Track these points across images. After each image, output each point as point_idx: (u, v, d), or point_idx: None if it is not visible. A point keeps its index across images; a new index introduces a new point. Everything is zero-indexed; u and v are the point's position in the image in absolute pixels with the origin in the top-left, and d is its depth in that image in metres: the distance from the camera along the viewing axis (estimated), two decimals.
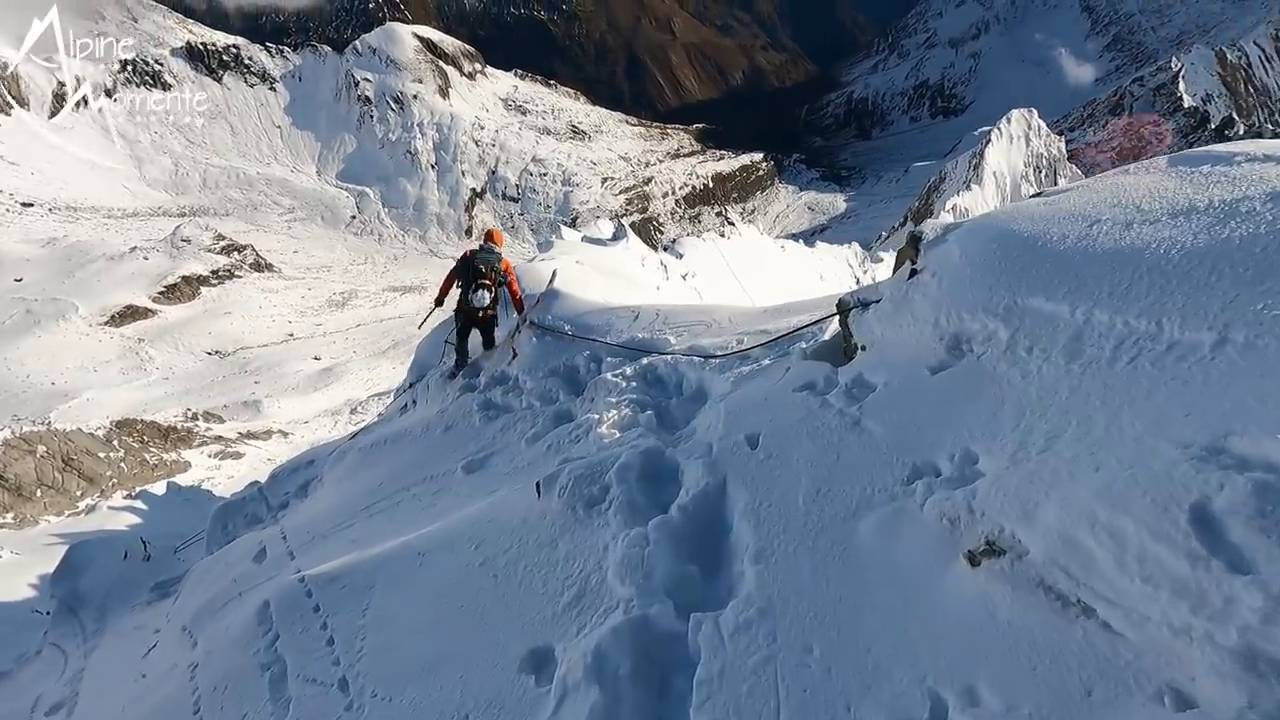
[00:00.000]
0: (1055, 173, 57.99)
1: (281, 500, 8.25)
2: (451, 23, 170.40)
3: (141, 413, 40.73)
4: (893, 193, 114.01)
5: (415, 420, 7.47)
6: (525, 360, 7.01)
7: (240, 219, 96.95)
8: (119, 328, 58.23)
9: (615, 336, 6.55)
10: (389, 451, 6.99)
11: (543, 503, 3.72)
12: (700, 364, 5.23)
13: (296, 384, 49.54)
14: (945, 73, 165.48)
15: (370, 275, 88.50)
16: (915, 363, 3.08)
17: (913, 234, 3.59)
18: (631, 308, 7.20)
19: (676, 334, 6.18)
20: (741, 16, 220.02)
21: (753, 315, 6.29)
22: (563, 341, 6.97)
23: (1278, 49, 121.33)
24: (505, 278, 7.81)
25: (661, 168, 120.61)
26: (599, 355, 6.38)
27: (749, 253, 23.34)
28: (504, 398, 6.62)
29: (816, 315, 5.15)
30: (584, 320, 7.17)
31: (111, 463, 33.90)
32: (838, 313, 4.13)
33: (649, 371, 5.56)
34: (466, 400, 6.99)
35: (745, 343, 5.25)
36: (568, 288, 8.42)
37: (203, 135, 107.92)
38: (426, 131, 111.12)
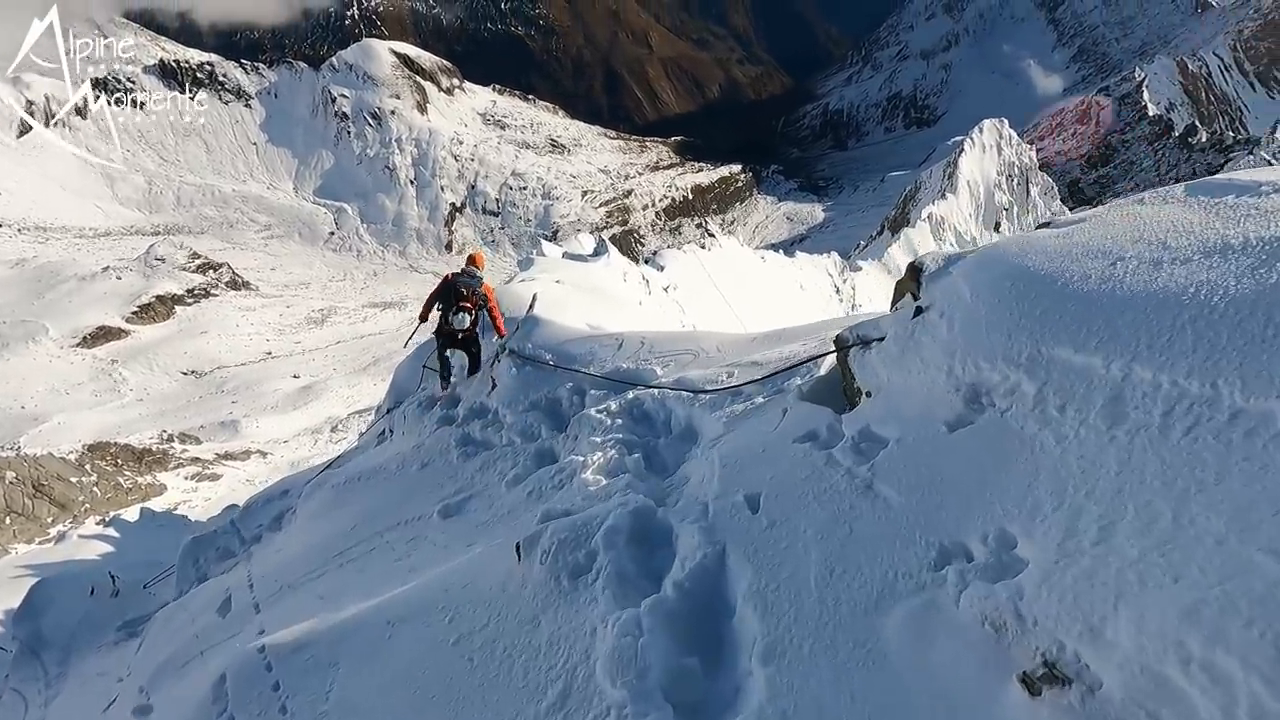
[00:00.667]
0: (1027, 181, 59.19)
1: (255, 533, 7.98)
2: (428, 38, 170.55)
3: (115, 436, 39.93)
4: (869, 202, 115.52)
5: (391, 455, 7.14)
6: (505, 392, 6.72)
7: (216, 237, 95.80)
8: (91, 349, 57.13)
9: (599, 367, 6.26)
10: (363, 489, 6.64)
11: (523, 568, 3.38)
12: (689, 399, 4.94)
13: (275, 403, 48.87)
14: (917, 84, 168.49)
15: (349, 291, 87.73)
16: (929, 416, 2.81)
17: (913, 265, 3.40)
18: (615, 335, 6.88)
19: (663, 364, 5.88)
20: (717, 30, 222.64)
21: (742, 344, 5.95)
22: (544, 371, 6.68)
23: (1235, 59, 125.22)
24: (486, 301, 7.82)
25: (641, 180, 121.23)
26: (582, 387, 6.10)
27: (730, 264, 23.51)
28: (483, 432, 6.35)
29: (810, 346, 4.88)
30: (566, 349, 6.87)
31: (84, 488, 33.13)
32: (835, 350, 3.86)
33: (635, 406, 5.29)
34: (444, 434, 6.68)
35: (736, 376, 4.95)
36: (548, 313, 8.08)
37: (176, 153, 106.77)
38: (405, 147, 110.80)
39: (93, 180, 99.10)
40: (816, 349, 4.64)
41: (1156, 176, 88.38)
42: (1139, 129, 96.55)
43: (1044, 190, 61.24)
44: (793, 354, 4.87)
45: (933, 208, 49.82)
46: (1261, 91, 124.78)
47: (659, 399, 5.21)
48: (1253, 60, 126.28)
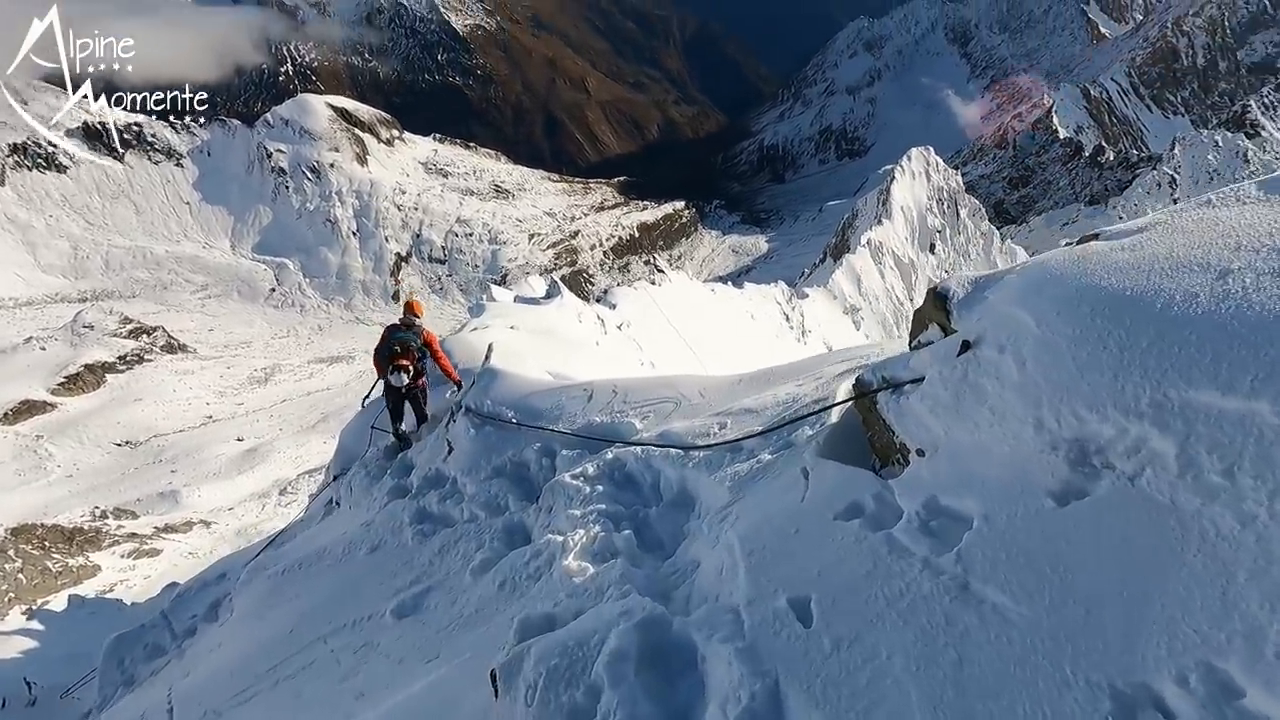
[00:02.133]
0: (956, 203, 62.04)
1: (188, 625, 7.22)
2: (366, 91, 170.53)
3: (42, 516, 37.39)
4: (810, 231, 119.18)
5: (336, 535, 6.33)
6: (464, 457, 5.93)
7: (149, 300, 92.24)
8: (14, 425, 53.75)
9: (569, 423, 5.52)
10: (304, 580, 5.78)
11: (503, 706, 2.58)
12: (679, 458, 4.24)
13: (218, 469, 46.69)
14: (846, 118, 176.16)
15: (294, 348, 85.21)
16: (1022, 484, 2.18)
17: (935, 291, 2.97)
18: (584, 385, 6.12)
19: (641, 416, 5.16)
20: (652, 74, 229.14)
21: (727, 388, 5.21)
22: (507, 431, 5.90)
23: (1132, 84, 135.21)
24: (426, 351, 7.55)
25: (587, 221, 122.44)
26: (552, 447, 5.35)
27: (681, 298, 23.78)
28: (441, 506, 5.57)
29: (807, 387, 4.29)
30: (529, 403, 6.07)
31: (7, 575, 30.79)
32: (856, 396, 3.29)
33: (615, 468, 4.56)
34: (396, 509, 5.92)
35: (729, 428, 4.29)
36: (506, 363, 7.33)
37: (104, 216, 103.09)
38: (346, 199, 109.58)
39: (12, 247, 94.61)
40: (820, 391, 4.02)
41: (1072, 194, 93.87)
42: (1052, 151, 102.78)
43: (972, 212, 64.24)
44: (790, 397, 4.27)
45: (871, 234, 51.63)
46: (1158, 113, 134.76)
47: (642, 458, 4.49)
48: (1147, 85, 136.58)
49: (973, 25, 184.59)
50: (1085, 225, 68.08)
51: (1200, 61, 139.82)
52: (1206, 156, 72.60)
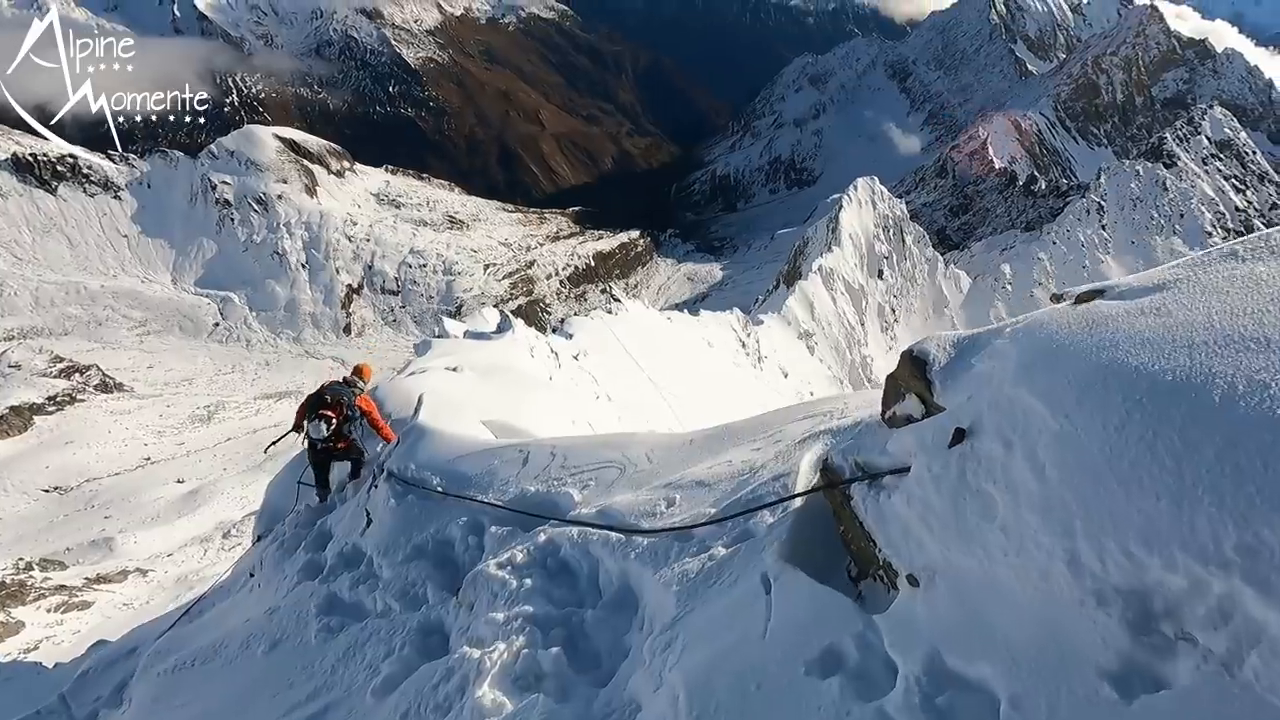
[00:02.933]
0: (901, 230, 64.36)
1: (89, 711, 6.56)
2: (316, 123, 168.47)
3: None
4: (763, 259, 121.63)
5: (238, 623, 5.66)
6: (382, 531, 5.34)
7: (82, 337, 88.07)
8: None
9: (500, 491, 4.93)
10: (196, 682, 5.15)
11: None
12: (620, 543, 3.75)
13: (157, 513, 44.40)
14: (794, 149, 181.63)
15: (240, 384, 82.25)
16: (1060, 650, 1.58)
17: (911, 355, 2.53)
18: (519, 445, 5.54)
19: (580, 484, 4.62)
20: (605, 106, 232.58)
21: (678, 450, 4.67)
22: (432, 500, 5.29)
23: (1059, 117, 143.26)
24: (356, 412, 7.16)
25: (543, 250, 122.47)
26: (480, 521, 4.79)
27: (638, 326, 23.92)
28: (353, 592, 5.01)
29: (766, 452, 3.81)
30: (458, 469, 5.43)
31: None
32: (825, 486, 2.82)
33: (549, 553, 4.03)
34: (305, 594, 5.34)
35: (678, 505, 3.82)
36: (438, 418, 6.63)
37: (34, 250, 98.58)
38: (295, 231, 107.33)
39: None
40: (780, 461, 3.49)
41: (1009, 221, 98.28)
42: (988, 180, 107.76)
43: (917, 239, 66.70)
44: (746, 467, 3.76)
45: (822, 260, 53.05)
46: (1083, 144, 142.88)
47: (579, 542, 3.96)
48: (1072, 118, 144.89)
49: (910, 62, 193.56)
50: (1023, 250, 71.28)
51: (1119, 96, 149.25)
52: (1129, 185, 77.16)
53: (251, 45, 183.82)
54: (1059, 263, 69.03)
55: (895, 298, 62.20)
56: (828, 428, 3.71)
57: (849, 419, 3.54)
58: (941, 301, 65.26)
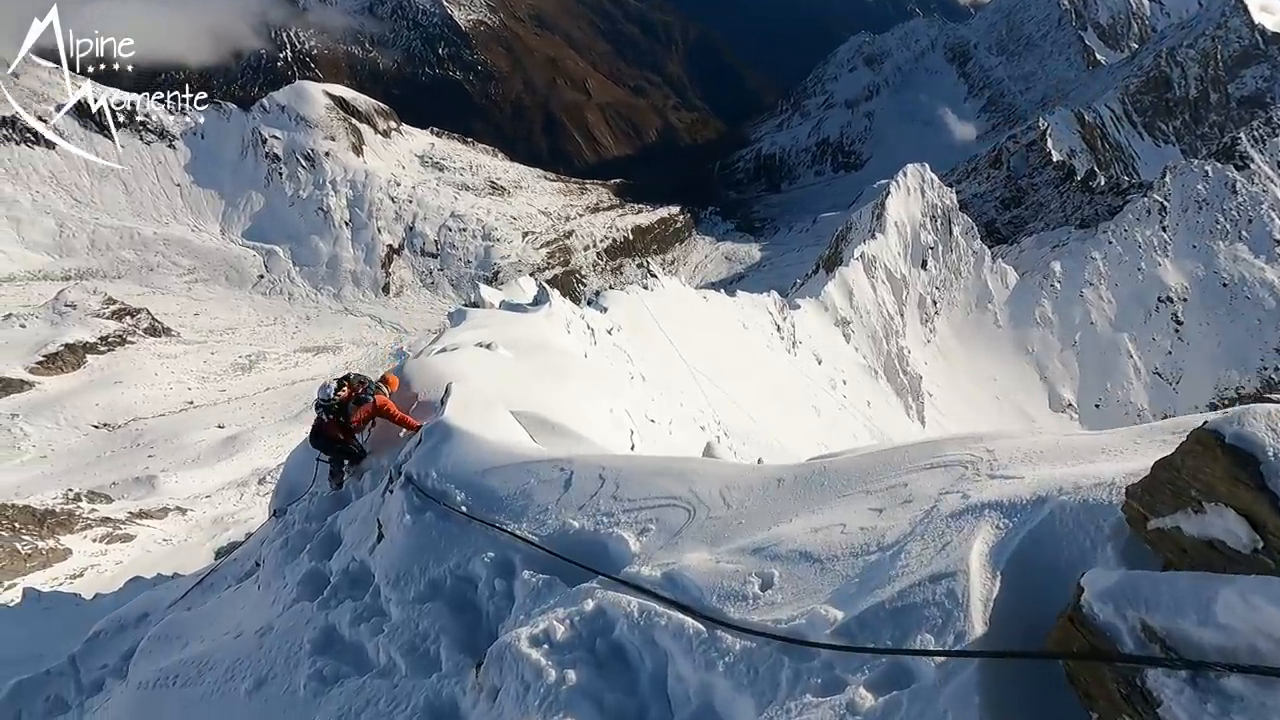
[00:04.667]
0: (949, 221, 62.55)
1: (95, 678, 6.46)
2: (365, 82, 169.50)
3: (13, 496, 36.74)
4: (803, 242, 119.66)
5: (227, 639, 5.09)
6: (395, 552, 4.57)
7: (134, 281, 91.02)
8: None
9: (535, 521, 4.06)
10: (172, 710, 4.64)
11: None
12: (699, 637, 2.65)
13: (197, 455, 46.08)
14: (843, 131, 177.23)
15: (280, 336, 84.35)
16: None
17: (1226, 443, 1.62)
18: (561, 462, 4.56)
19: (637, 527, 3.64)
20: (653, 78, 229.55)
21: (763, 494, 3.52)
22: (453, 521, 4.48)
23: (1125, 111, 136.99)
24: (369, 396, 7.07)
25: (582, 221, 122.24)
26: (510, 559, 3.93)
27: (673, 304, 23.74)
28: (354, 630, 4.27)
29: (891, 511, 2.78)
30: (487, 485, 4.57)
31: None
32: (1098, 658, 1.66)
33: (599, 630, 3.04)
34: (300, 619, 4.69)
35: (778, 585, 2.69)
36: (468, 415, 5.71)
37: (92, 194, 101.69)
38: (340, 188, 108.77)
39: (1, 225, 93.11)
40: (926, 542, 2.38)
41: (1063, 217, 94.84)
42: (1045, 174, 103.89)
43: (965, 230, 64.76)
44: (872, 536, 2.65)
45: (864, 247, 51.89)
46: (1149, 141, 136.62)
47: (640, 621, 2.93)
48: (1140, 112, 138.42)
49: (971, 46, 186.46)
50: (1076, 248, 68.78)
51: (1192, 92, 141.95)
52: (1196, 186, 73.68)
53: (306, 1, 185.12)
54: (1113, 263, 66.50)
55: (938, 290, 60.70)
56: (987, 498, 2.46)
57: (1010, 480, 2.51)
58: (985, 296, 63.50)
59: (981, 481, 2.72)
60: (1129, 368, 62.07)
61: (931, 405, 48.73)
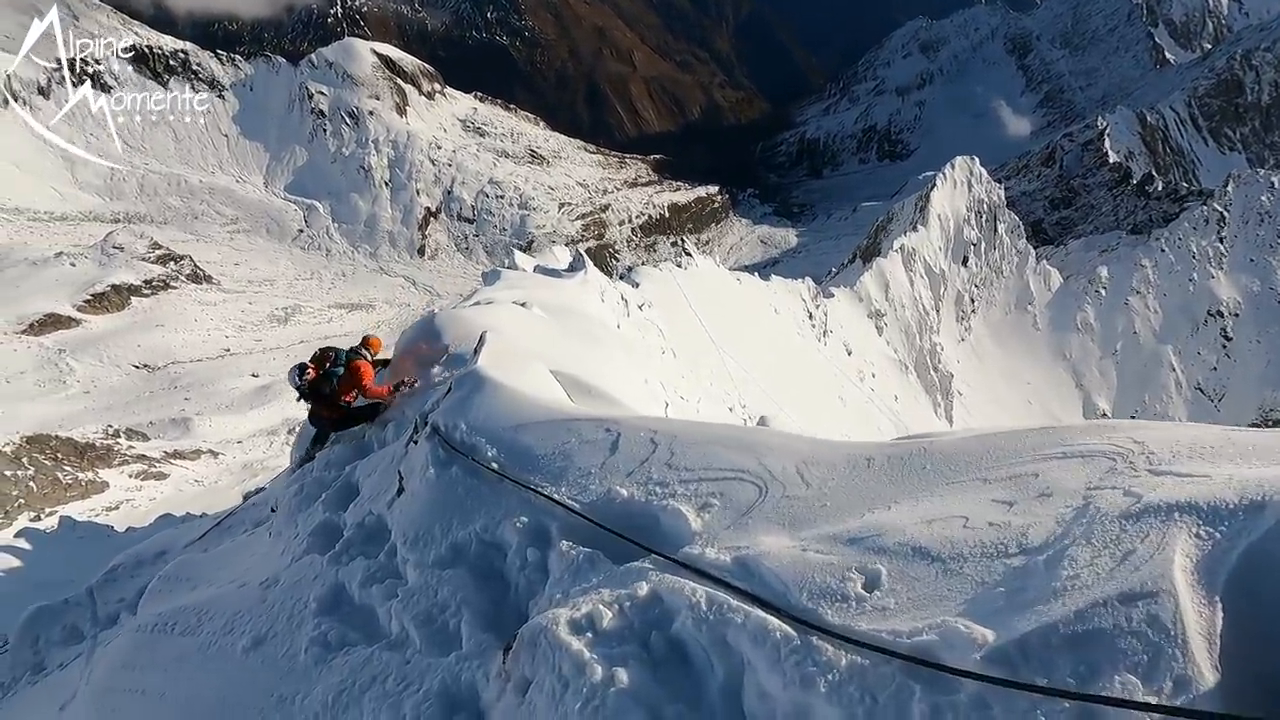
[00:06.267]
0: (995, 218, 60.89)
1: (112, 610, 6.50)
2: (412, 42, 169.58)
3: (57, 428, 38.19)
4: (842, 230, 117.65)
5: (229, 590, 4.85)
6: (415, 508, 4.14)
7: (179, 228, 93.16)
8: (38, 336, 54.73)
9: (577, 485, 3.50)
10: (165, 657, 4.37)
11: None
12: (787, 641, 2.11)
13: (231, 401, 47.33)
14: (892, 119, 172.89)
15: (316, 291, 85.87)
16: None
17: None
18: (607, 421, 3.99)
19: (698, 501, 3.03)
20: (700, 54, 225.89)
21: (851, 474, 2.94)
22: (482, 478, 3.94)
23: (1191, 115, 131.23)
24: (339, 370, 6.74)
25: (619, 195, 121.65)
26: (546, 525, 3.40)
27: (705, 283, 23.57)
28: (365, 592, 3.86)
29: (1024, 504, 2.26)
30: (522, 443, 4.01)
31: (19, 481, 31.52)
32: None
33: (654, 622, 2.48)
34: (308, 574, 4.36)
35: (886, 589, 2.13)
36: (502, 366, 5.27)
37: (142, 139, 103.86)
38: (382, 148, 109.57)
39: (51, 162, 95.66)
40: (1087, 553, 1.90)
41: (1115, 221, 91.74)
42: (1099, 175, 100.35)
43: (1010, 228, 63.04)
44: (1006, 533, 2.14)
45: (904, 239, 50.85)
46: (1214, 147, 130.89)
47: (708, 614, 2.34)
48: (1206, 117, 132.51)
49: (1034, 37, 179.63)
50: (1126, 254, 66.57)
51: (1265, 98, 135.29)
52: (1260, 197, 70.53)
53: None
54: (1164, 272, 64.23)
55: (977, 287, 59.34)
56: (1167, 497, 1.96)
57: (1191, 480, 2.04)
58: (1026, 297, 61.92)
59: (1144, 478, 2.16)
60: (1170, 381, 60.23)
61: (960, 404, 47.95)
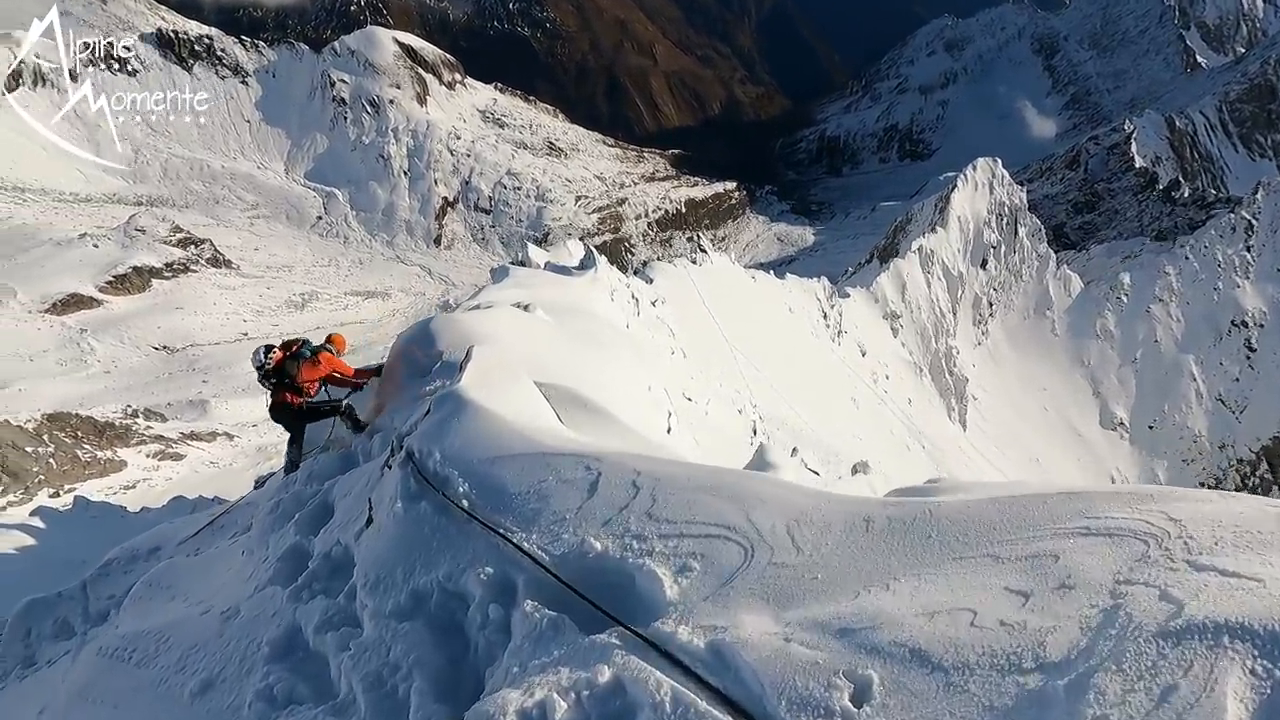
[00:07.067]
0: (1016, 221, 60.13)
1: (102, 607, 6.48)
2: (433, 31, 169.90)
3: (78, 407, 38.85)
4: (860, 230, 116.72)
5: (190, 613, 4.68)
6: (380, 545, 3.85)
7: (200, 212, 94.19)
8: (60, 316, 55.67)
9: (549, 531, 3.20)
10: (116, 691, 4.24)
11: None
12: None
13: (247, 385, 47.87)
14: (914, 118, 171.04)
15: (333, 278, 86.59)
16: None
17: None
18: (588, 459, 3.69)
19: (675, 562, 2.75)
20: (721, 49, 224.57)
21: (847, 538, 2.62)
22: (451, 516, 3.61)
23: (1221, 120, 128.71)
24: (300, 358, 6.91)
25: (636, 190, 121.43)
26: (512, 577, 3.08)
27: (719, 280, 23.48)
28: (319, 637, 3.62)
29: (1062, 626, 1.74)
30: (497, 478, 3.72)
31: (40, 458, 32.06)
32: None
33: (615, 713, 2.12)
34: (266, 610, 4.13)
35: (877, 701, 1.78)
36: (486, 385, 4.84)
37: (166, 124, 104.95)
38: (401, 137, 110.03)
39: (78, 145, 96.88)
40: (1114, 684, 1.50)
41: (1139, 227, 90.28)
42: (1125, 179, 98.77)
43: (1031, 232, 62.22)
44: (1016, 637, 1.78)
45: (923, 240, 50.34)
46: (1244, 153, 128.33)
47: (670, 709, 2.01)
48: (1237, 122, 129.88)
49: (1061, 37, 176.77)
50: (1149, 261, 65.51)
51: None
52: None
53: None
54: (1188, 280, 63.12)
55: (995, 291, 58.66)
56: (1214, 613, 1.60)
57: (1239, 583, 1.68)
58: (1045, 302, 61.13)
59: (1182, 573, 1.78)
60: (1190, 391, 59.27)
61: (975, 409, 47.50)
